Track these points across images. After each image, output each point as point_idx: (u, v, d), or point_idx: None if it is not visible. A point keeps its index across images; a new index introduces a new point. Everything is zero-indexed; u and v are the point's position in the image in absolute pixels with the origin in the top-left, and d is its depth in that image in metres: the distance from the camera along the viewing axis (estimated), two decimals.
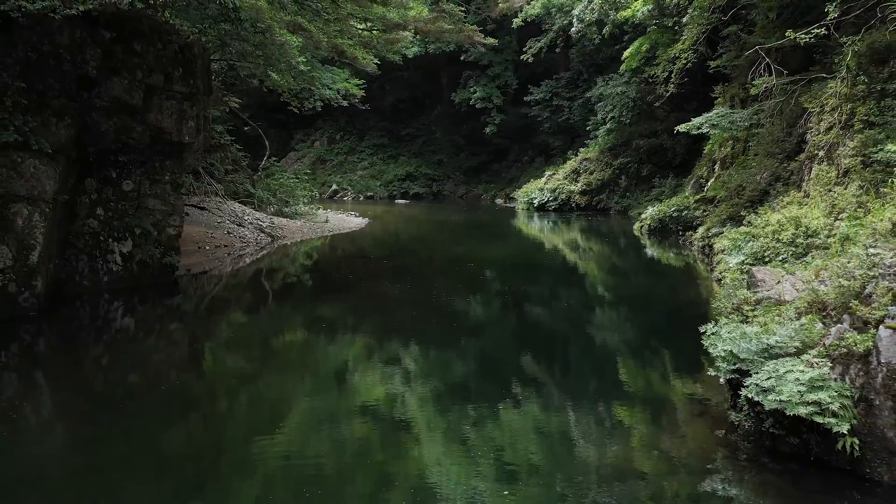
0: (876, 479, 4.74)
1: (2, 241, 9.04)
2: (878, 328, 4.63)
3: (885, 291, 4.78)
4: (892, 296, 4.70)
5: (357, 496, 4.92)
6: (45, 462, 5.35)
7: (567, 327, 10.74)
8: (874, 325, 4.71)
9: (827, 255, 7.41)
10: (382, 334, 9.81)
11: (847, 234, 6.64)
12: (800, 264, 7.57)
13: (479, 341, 9.58)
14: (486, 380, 7.91)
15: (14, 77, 9.38)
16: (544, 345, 9.57)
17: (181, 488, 5.01)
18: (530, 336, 10.07)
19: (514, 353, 9.09)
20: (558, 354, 9.25)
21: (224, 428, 6.37)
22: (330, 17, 12.41)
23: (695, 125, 15.95)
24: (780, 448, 5.17)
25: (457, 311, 11.23)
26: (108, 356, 8.69)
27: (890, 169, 9.28)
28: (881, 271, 4.97)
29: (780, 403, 4.77)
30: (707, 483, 5.01)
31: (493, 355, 9.05)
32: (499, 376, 7.98)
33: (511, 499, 4.80)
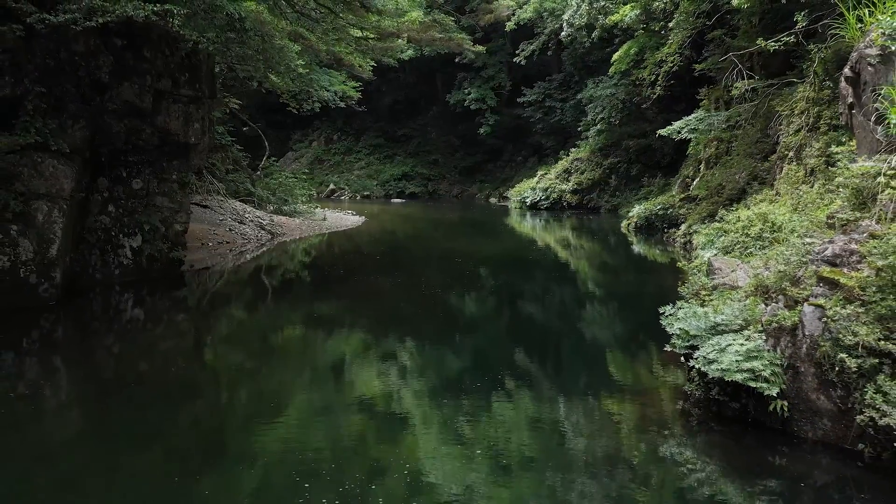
0: (802, 437, 5.47)
1: (24, 235, 9.73)
2: (804, 305, 5.36)
3: (811, 274, 5.51)
4: (816, 278, 5.42)
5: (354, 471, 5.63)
6: (62, 440, 5.91)
7: (549, 314, 11.47)
8: (802, 303, 5.44)
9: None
10: (376, 323, 10.53)
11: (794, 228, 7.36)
12: (757, 255, 8.30)
13: (466, 327, 10.30)
14: (471, 360, 8.63)
15: (34, 82, 10.06)
16: (527, 329, 10.30)
17: (186, 464, 5.65)
18: (515, 322, 10.81)
19: (500, 338, 9.82)
20: (539, 338, 9.98)
21: (227, 409, 7.07)
22: (328, 27, 13.14)
23: (675, 129, 16.69)
24: (724, 413, 5.90)
25: (446, 301, 11.95)
26: (120, 344, 9.36)
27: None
28: (811, 258, 5.70)
29: (721, 371, 5.50)
30: (664, 446, 5.72)
31: (478, 340, 9.77)
32: (483, 357, 8.71)
33: (485, 456, 5.52)
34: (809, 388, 5.34)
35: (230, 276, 14.52)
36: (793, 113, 12.87)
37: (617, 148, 28.88)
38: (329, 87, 21.82)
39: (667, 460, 5.45)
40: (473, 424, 6.21)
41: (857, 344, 4.94)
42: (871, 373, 4.90)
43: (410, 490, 4.95)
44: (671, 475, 5.20)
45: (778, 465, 5.36)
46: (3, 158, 9.54)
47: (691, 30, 22.03)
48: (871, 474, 5.02)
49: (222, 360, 8.99)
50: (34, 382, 7.36)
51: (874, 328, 4.92)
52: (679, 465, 5.35)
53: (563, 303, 12.55)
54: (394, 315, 11.20)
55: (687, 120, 16.97)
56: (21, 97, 9.91)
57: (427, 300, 12.23)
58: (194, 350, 9.36)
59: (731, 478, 5.17)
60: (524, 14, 29.05)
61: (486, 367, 8.17)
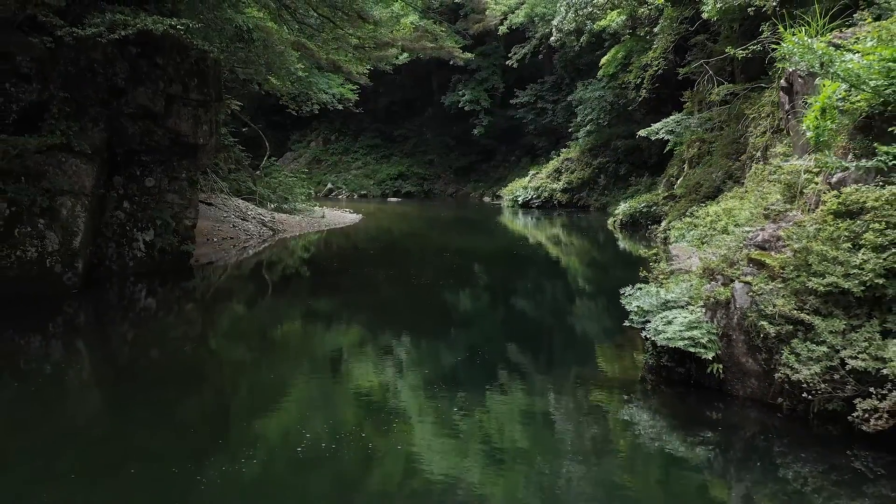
0: (734, 395, 6.41)
1: (50, 228, 10.63)
2: (735, 283, 6.30)
3: (744, 257, 6.45)
4: (747, 260, 6.36)
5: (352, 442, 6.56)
6: (85, 414, 6.58)
7: (531, 300, 12.43)
8: (734, 281, 6.38)
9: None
10: (371, 311, 11.47)
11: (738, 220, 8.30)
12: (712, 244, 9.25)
13: (454, 312, 11.24)
14: (458, 338, 9.57)
15: (58, 88, 10.97)
16: (511, 313, 11.26)
17: (196, 436, 6.49)
18: (500, 307, 11.76)
19: (487, 321, 10.76)
20: (521, 319, 10.93)
21: (233, 385, 7.99)
22: (328, 37, 14.05)
23: (654, 130, 17.64)
24: (672, 377, 6.83)
25: (435, 290, 12.89)
26: (139, 328, 10.25)
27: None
28: (745, 243, 6.64)
29: (667, 340, 6.44)
30: (623, 407, 6.66)
31: (466, 322, 10.71)
32: (471, 336, 9.65)
33: (467, 412, 6.45)
34: (739, 353, 6.28)
35: (235, 270, 15.43)
36: (760, 116, 13.83)
37: (606, 148, 29.84)
38: (327, 89, 22.70)
39: (624, 418, 6.38)
40: (458, 389, 7.15)
41: (776, 314, 5.88)
42: (787, 337, 5.84)
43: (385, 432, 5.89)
44: (628, 431, 6.13)
45: (715, 419, 6.29)
46: (31, 158, 10.43)
47: (675, 35, 23.02)
48: (789, 423, 5.96)
49: (231, 343, 9.91)
50: (58, 363, 8.24)
51: (790, 300, 5.86)
52: (634, 423, 6.28)
53: (544, 290, 13.52)
54: (388, 304, 12.13)
55: (665, 122, 17.94)
56: (47, 102, 10.81)
57: (418, 290, 13.16)
58: (205, 335, 10.27)
59: (677, 431, 6.10)
60: (516, 18, 30.00)
61: (473, 344, 9.10)
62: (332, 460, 5.36)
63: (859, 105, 5.99)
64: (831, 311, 5.70)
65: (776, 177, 7.12)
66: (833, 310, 5.70)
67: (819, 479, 5.22)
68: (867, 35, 5.90)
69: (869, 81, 5.25)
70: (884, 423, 5.18)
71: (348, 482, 5.15)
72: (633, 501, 4.83)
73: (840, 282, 5.60)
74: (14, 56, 10.35)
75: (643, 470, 5.41)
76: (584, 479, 5.16)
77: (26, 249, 10.45)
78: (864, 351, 5.38)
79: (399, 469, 5.41)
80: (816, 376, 5.55)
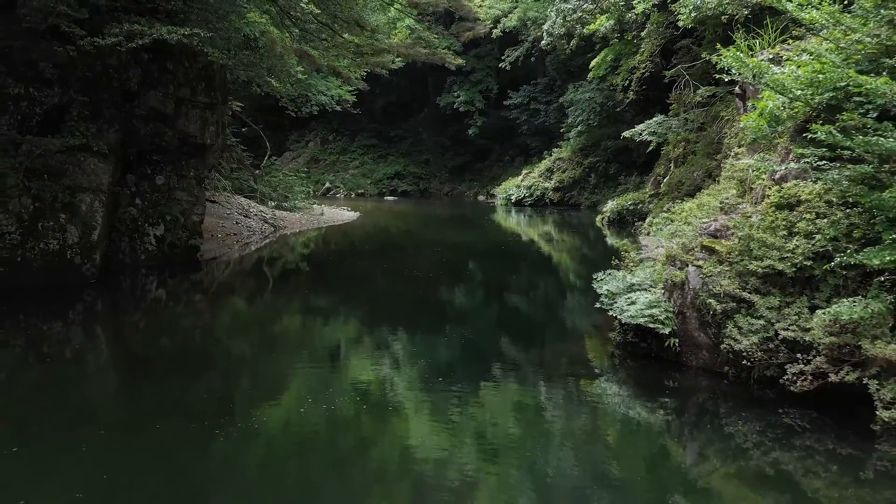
0: (689, 365, 7.28)
1: (71, 222, 11.45)
2: (689, 267, 7.17)
3: (698, 244, 7.32)
4: (700, 247, 7.23)
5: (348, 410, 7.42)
6: (103, 394, 7.35)
7: (517, 286, 13.31)
8: (688, 265, 7.24)
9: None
10: (366, 297, 12.33)
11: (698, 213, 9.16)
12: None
13: (443, 298, 12.11)
14: (445, 321, 10.43)
15: (77, 92, 11.77)
16: (498, 297, 12.13)
17: (204, 413, 7.34)
18: (488, 292, 12.62)
19: (475, 304, 11.62)
20: (507, 302, 11.80)
21: (239, 366, 8.85)
22: (329, 45, 14.91)
23: (637, 132, 18.51)
24: (636, 351, 7.70)
25: (427, 280, 13.76)
26: (150, 316, 11.06)
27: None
28: (700, 232, 7.51)
29: (630, 317, 7.30)
30: (594, 378, 7.53)
31: (454, 305, 11.58)
32: (457, 319, 10.51)
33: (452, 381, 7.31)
34: (692, 328, 7.15)
35: (240, 264, 16.27)
36: (733, 118, 14.70)
37: (596, 148, 30.71)
38: (326, 91, 23.52)
39: (594, 388, 7.25)
40: (445, 362, 8.01)
41: (722, 293, 6.75)
42: (731, 313, 6.70)
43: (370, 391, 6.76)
44: (597, 398, 7.00)
45: (672, 386, 7.16)
46: (53, 157, 11.24)
47: (661, 39, 23.91)
48: (734, 388, 6.83)
49: (237, 330, 10.76)
50: (78, 348, 9.04)
51: (734, 281, 6.73)
52: (603, 392, 7.15)
53: (530, 279, 14.42)
54: (383, 292, 13.00)
55: (648, 123, 18.82)
56: (67, 105, 11.62)
57: (408, 276, 14.04)
58: (213, 322, 11.10)
59: (639, 398, 6.98)
60: (509, 22, 30.89)
61: (462, 326, 9.96)
62: (331, 420, 6.22)
63: (798, 111, 6.86)
64: (769, 290, 6.57)
65: (729, 174, 7.98)
66: (770, 289, 6.57)
67: (757, 435, 6.09)
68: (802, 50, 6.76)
69: (795, 91, 6.10)
70: (808, 385, 6.05)
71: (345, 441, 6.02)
72: (599, 456, 5.68)
73: (776, 264, 6.47)
74: (38, 63, 11.15)
75: (610, 431, 6.27)
76: (556, 437, 6.03)
77: (49, 242, 11.26)
78: (795, 323, 6.25)
79: (384, 427, 6.27)
80: (755, 346, 6.42)
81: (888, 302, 5.68)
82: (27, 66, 11.09)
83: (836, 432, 5.90)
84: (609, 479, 5.22)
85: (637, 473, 5.41)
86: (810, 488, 5.11)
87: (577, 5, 23.85)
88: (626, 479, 5.22)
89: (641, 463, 5.63)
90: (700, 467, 5.60)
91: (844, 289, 6.15)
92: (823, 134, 5.66)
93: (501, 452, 5.68)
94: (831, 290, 6.23)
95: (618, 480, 5.21)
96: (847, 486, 5.12)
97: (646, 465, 5.61)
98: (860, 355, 5.70)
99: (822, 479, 5.28)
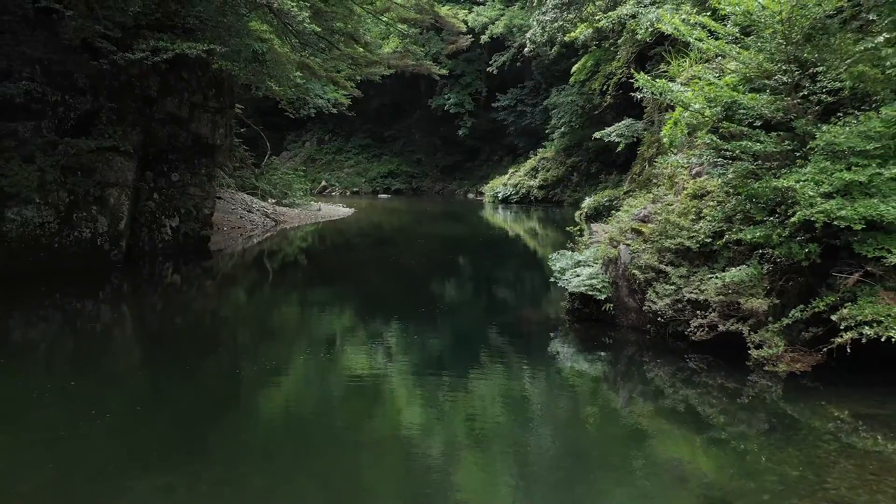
0: (621, 324, 8.97)
1: (101, 213, 13.07)
2: (621, 245, 8.86)
3: (629, 227, 9.01)
4: (630, 230, 8.92)
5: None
6: (126, 366, 9.29)
7: (490, 270, 15.00)
8: (620, 244, 8.93)
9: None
10: (359, 282, 14.00)
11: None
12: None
13: (425, 280, 13.80)
14: (427, 298, 12.11)
15: (105, 99, 13.39)
16: (473, 278, 13.83)
17: (215, 379, 9.07)
18: (465, 276, 14.31)
19: (453, 285, 13.31)
20: (480, 283, 13.48)
21: (247, 339, 10.51)
22: (327, 56, 16.57)
23: (606, 133, 20.22)
24: (581, 316, 9.38)
25: (413, 266, 15.44)
26: (170, 296, 12.72)
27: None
28: (632, 218, 9.20)
29: (575, 287, 8.98)
30: (548, 340, 9.20)
31: (435, 287, 13.26)
32: (437, 297, 12.20)
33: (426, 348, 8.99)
34: (623, 295, 8.84)
35: (245, 254, 17.91)
36: None
37: (578, 148, 32.44)
38: (323, 95, 25.16)
39: (547, 346, 8.92)
40: (423, 330, 9.69)
41: (645, 265, 8.43)
42: (651, 282, 8.39)
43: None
44: (549, 355, 8.67)
45: (608, 342, 8.83)
46: (86, 156, 12.86)
47: (636, 46, 25.61)
48: (654, 341, 8.51)
49: (246, 306, 12.42)
50: (108, 324, 10.66)
51: (653, 256, 8.41)
52: (555, 347, 8.81)
53: (505, 263, 16.12)
54: (375, 276, 14.67)
55: (617, 126, 20.49)
56: (97, 110, 13.23)
57: (395, 263, 15.72)
58: (223, 301, 12.77)
59: (582, 352, 8.66)
60: (496, 29, 32.61)
61: (440, 302, 11.64)
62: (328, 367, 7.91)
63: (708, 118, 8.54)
64: (680, 262, 8.26)
65: (659, 171, 9.68)
66: (681, 261, 8.25)
67: (670, 376, 7.75)
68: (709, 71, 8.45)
69: (693, 105, 7.78)
70: (705, 335, 7.73)
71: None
72: (549, 396, 7.33)
73: (685, 242, 8.16)
74: (72, 74, 12.75)
75: (558, 377, 7.91)
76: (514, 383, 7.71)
77: (82, 231, 12.88)
78: (697, 287, 7.94)
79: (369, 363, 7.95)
80: (668, 307, 8.10)
81: (761, 269, 7.37)
82: (63, 76, 12.70)
83: (724, 370, 7.57)
84: (556, 413, 6.87)
85: (579, 407, 7.04)
86: (705, 412, 6.73)
87: (558, 15, 25.54)
88: (570, 412, 6.85)
89: (584, 399, 7.28)
90: (627, 400, 7.27)
91: (735, 260, 7.83)
92: (709, 139, 7.35)
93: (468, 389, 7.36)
94: (726, 261, 7.92)
95: (563, 412, 6.83)
96: (728, 406, 6.76)
97: (587, 401, 7.25)
98: (741, 310, 7.39)
99: (713, 404, 6.92)
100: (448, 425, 6.26)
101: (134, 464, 5.10)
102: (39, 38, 12.28)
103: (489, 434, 5.91)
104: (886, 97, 7.07)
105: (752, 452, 5.47)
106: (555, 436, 5.97)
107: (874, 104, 7.22)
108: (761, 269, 7.40)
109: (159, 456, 5.25)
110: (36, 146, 12.17)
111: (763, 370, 7.17)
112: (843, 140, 6.80)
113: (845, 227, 6.62)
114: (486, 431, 5.99)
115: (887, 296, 6.73)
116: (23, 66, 12.18)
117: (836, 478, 4.93)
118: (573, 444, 5.85)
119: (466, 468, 5.28)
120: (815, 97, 7.48)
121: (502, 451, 5.60)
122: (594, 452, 5.76)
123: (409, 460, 5.43)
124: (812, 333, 7.13)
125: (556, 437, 5.95)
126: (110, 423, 5.89)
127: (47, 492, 4.62)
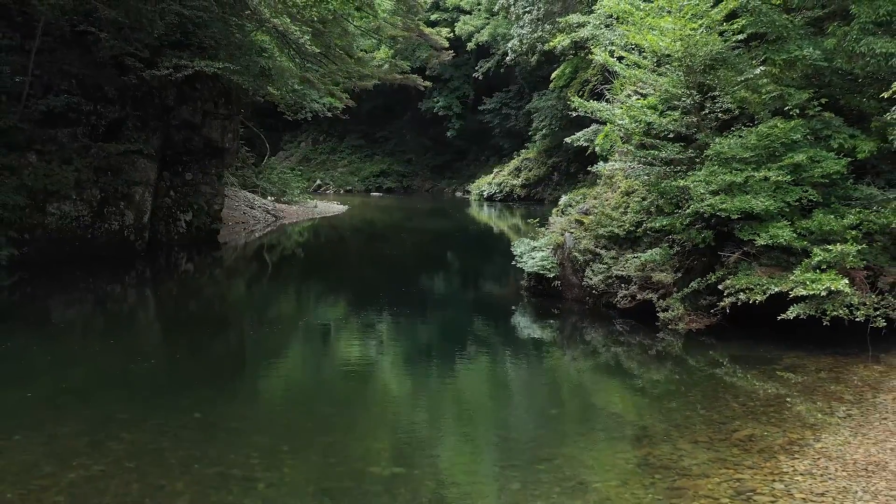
0: (567, 298, 11.00)
1: (128, 208, 15.00)
2: (566, 234, 10.88)
3: (574, 219, 11.03)
4: (574, 220, 10.94)
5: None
6: (149, 342, 11.29)
7: (464, 256, 17.04)
8: (566, 232, 10.95)
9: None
10: (351, 267, 16.00)
11: None
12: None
13: (409, 264, 15.82)
14: (408, 280, 14.12)
15: (131, 108, 15.31)
16: (449, 265, 15.86)
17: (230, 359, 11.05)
18: (442, 261, 16.35)
19: (433, 271, 15.35)
20: (454, 267, 15.51)
21: (258, 317, 12.50)
22: (324, 70, 18.56)
23: (577, 138, 22.18)
24: (536, 292, 11.40)
25: (399, 253, 17.47)
26: (184, 280, 14.67)
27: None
28: (577, 211, 11.22)
29: (530, 267, 11.01)
30: (509, 311, 11.22)
31: (416, 272, 15.27)
32: (416, 278, 14.21)
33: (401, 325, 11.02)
34: (568, 273, 10.87)
35: (250, 246, 19.87)
36: None
37: (559, 149, 34.43)
38: (319, 99, 27.07)
39: (508, 317, 10.92)
40: (410, 302, 11.71)
41: (584, 249, 10.45)
42: (589, 262, 10.41)
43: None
44: (509, 323, 10.68)
45: (556, 312, 10.86)
46: (114, 158, 14.77)
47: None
48: (591, 312, 10.53)
49: (251, 291, 14.40)
50: (133, 305, 12.59)
51: (591, 241, 10.43)
52: (514, 316, 10.84)
53: (479, 251, 18.20)
54: (366, 265, 16.67)
55: (585, 131, 22.40)
56: (124, 118, 15.15)
57: (388, 255, 17.73)
58: (237, 284, 14.75)
59: (536, 321, 10.70)
60: (481, 37, 34.66)
61: (418, 282, 13.65)
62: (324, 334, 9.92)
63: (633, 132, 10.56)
64: (611, 246, 10.29)
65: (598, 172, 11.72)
66: (612, 246, 10.29)
67: (602, 338, 9.78)
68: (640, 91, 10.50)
69: (619, 121, 9.80)
70: (629, 303, 9.77)
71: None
72: (506, 356, 9.32)
73: (614, 230, 10.19)
74: (103, 87, 14.66)
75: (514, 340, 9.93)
76: (477, 346, 9.74)
77: (111, 223, 14.80)
78: (622, 266, 9.97)
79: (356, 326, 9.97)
80: (601, 282, 10.13)
81: (671, 251, 9.40)
82: (95, 89, 14.61)
83: (643, 331, 9.59)
84: (513, 367, 8.86)
85: (532, 363, 9.01)
86: (625, 364, 8.70)
87: (536, 26, 27.55)
88: (524, 367, 8.82)
89: (533, 357, 9.26)
90: (569, 357, 9.29)
91: (652, 244, 9.86)
92: (627, 149, 9.38)
93: (442, 351, 9.39)
94: (646, 245, 9.95)
95: (519, 367, 8.80)
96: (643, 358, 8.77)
97: (539, 358, 9.24)
98: (653, 283, 9.43)
99: (632, 358, 8.91)
100: (423, 377, 8.33)
101: (170, 389, 7.13)
102: (75, 55, 14.20)
103: (458, 384, 7.95)
104: (764, 116, 9.10)
105: (662, 394, 7.27)
106: (511, 385, 7.98)
107: (757, 122, 9.26)
108: (670, 251, 9.44)
109: (186, 384, 7.29)
110: (73, 150, 14.08)
111: (668, 329, 9.20)
112: (727, 150, 8.83)
113: (729, 217, 8.65)
114: (456, 381, 8.02)
115: (761, 270, 8.78)
116: (61, 80, 14.10)
117: (721, 410, 6.61)
118: (527, 391, 7.84)
119: (436, 406, 7.30)
120: (713, 115, 9.54)
121: (468, 392, 7.63)
122: (542, 397, 7.68)
123: (385, 403, 7.45)
124: (708, 301, 9.16)
125: (512, 386, 7.96)
126: (154, 366, 7.92)
127: (120, 399, 6.64)
